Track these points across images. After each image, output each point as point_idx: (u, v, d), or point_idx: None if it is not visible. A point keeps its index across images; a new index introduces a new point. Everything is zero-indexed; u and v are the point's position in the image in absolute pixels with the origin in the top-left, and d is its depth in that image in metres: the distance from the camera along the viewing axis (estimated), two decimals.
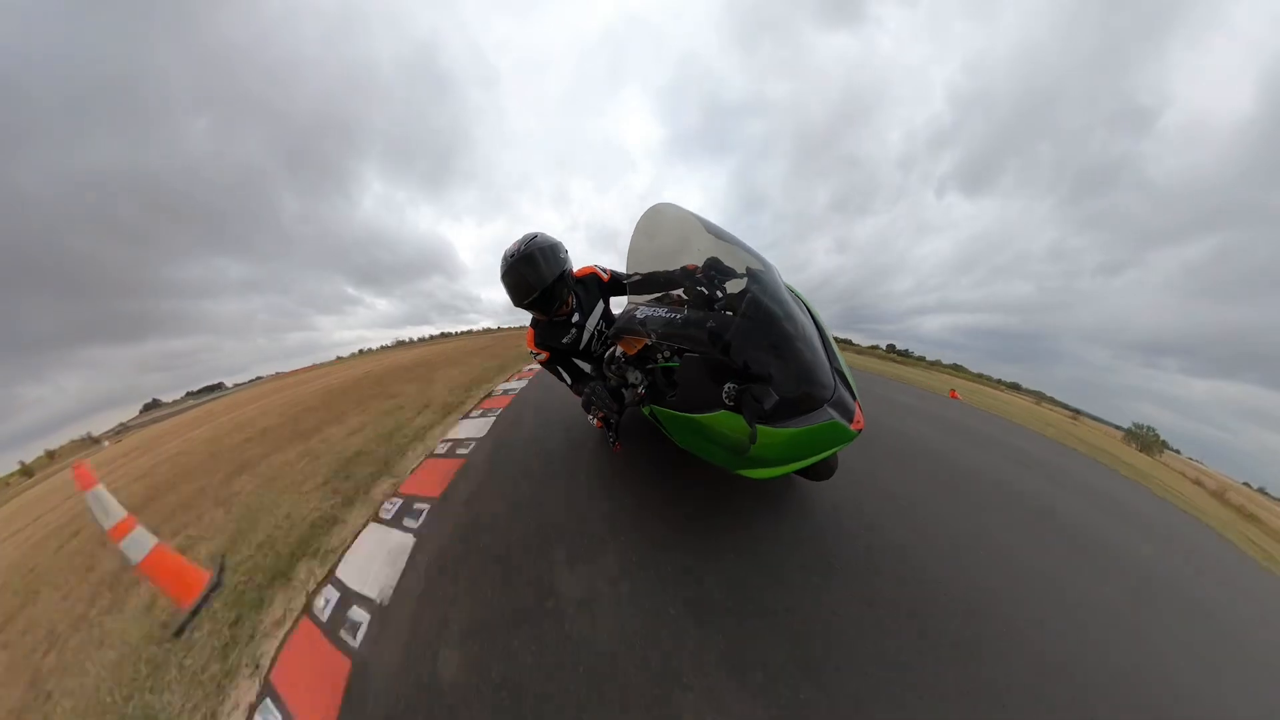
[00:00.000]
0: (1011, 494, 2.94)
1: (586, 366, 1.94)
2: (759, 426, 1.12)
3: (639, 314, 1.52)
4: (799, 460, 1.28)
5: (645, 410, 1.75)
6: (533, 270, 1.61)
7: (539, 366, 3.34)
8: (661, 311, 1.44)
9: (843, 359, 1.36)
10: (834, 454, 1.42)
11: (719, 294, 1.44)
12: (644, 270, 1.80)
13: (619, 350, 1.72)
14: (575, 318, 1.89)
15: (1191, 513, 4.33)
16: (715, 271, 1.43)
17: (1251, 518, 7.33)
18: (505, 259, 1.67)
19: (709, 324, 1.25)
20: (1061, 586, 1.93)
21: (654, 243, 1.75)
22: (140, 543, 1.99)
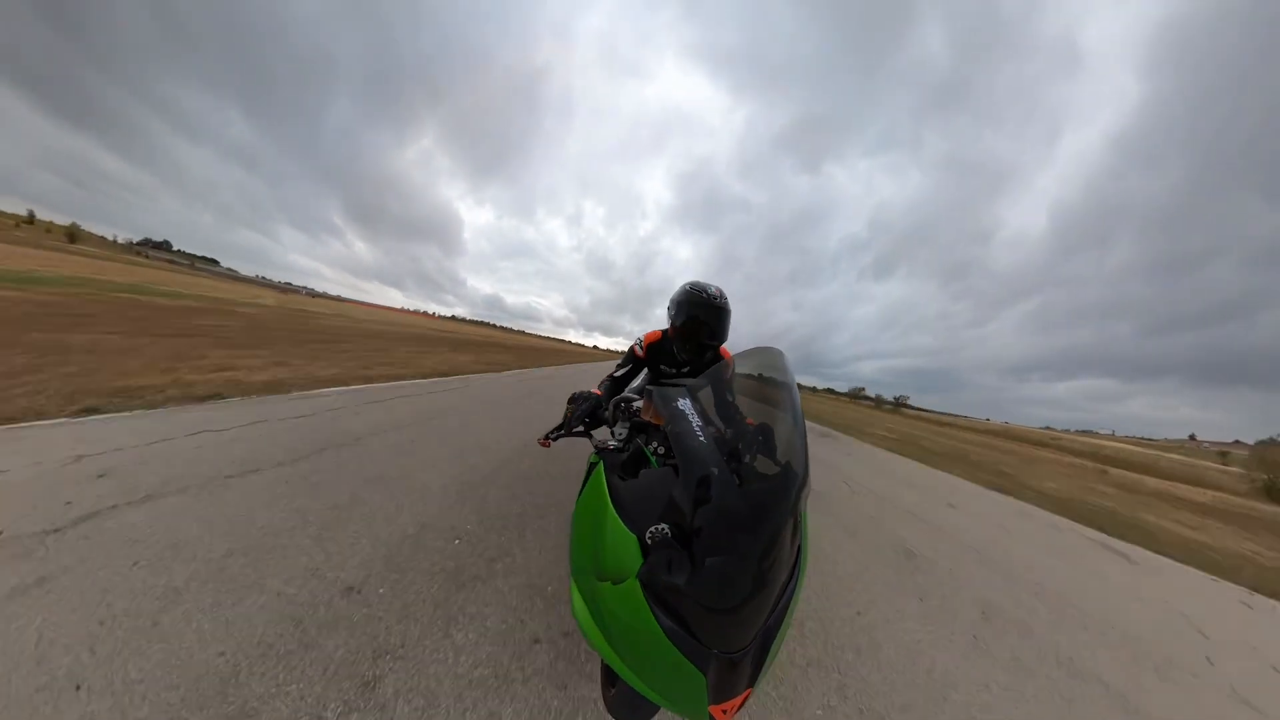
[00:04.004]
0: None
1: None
2: (635, 580, 0.85)
3: (684, 399, 1.23)
4: (620, 660, 0.88)
5: (593, 457, 1.53)
6: (722, 324, 1.79)
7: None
8: (697, 418, 1.13)
9: (784, 637, 0.96)
10: (655, 704, 1.01)
11: (747, 457, 1.18)
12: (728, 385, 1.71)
13: (638, 405, 1.54)
14: (686, 369, 2.06)
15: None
16: (762, 439, 1.21)
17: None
18: (705, 293, 1.77)
19: (713, 470, 0.95)
20: None
21: (749, 376, 1.52)
22: None
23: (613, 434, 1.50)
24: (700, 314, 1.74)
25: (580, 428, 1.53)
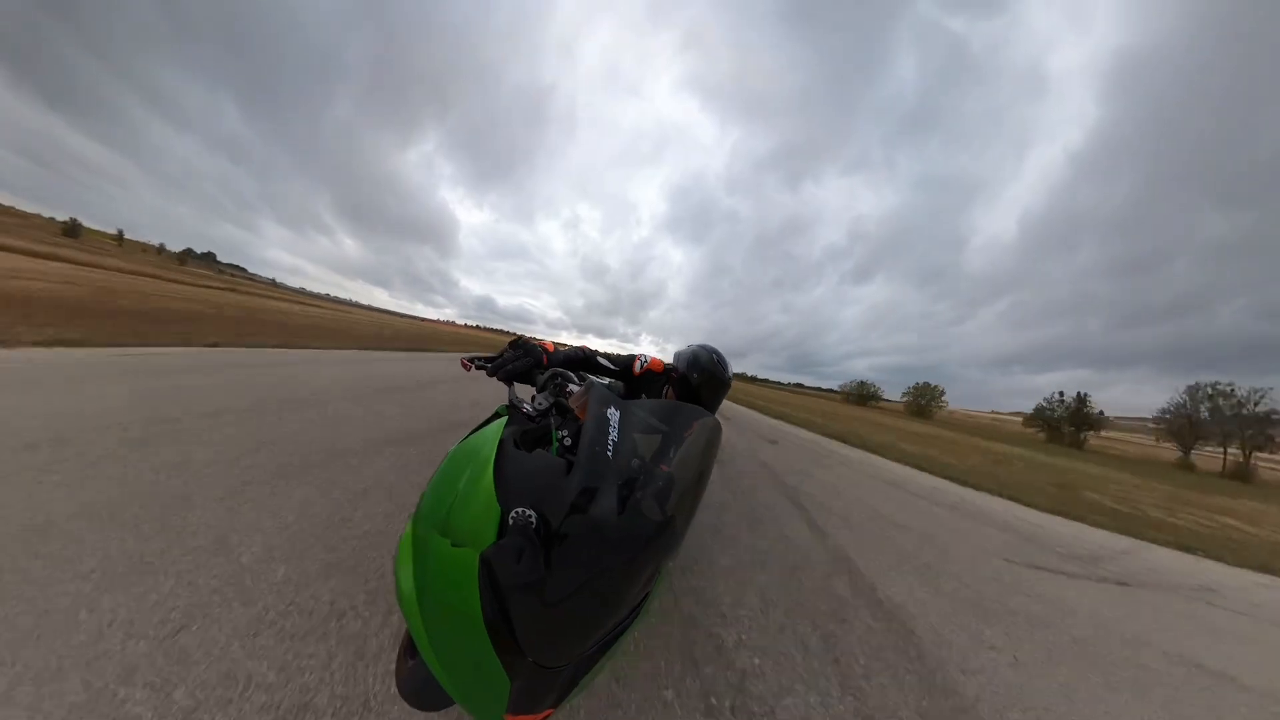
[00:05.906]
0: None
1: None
2: (476, 553, 0.74)
3: (614, 410, 1.11)
4: (427, 635, 0.77)
5: (502, 409, 1.49)
6: (719, 398, 1.98)
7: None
8: (615, 432, 1.05)
9: (598, 673, 0.94)
10: (448, 698, 0.97)
11: (640, 493, 1.01)
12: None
13: (573, 390, 1.58)
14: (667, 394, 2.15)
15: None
16: (662, 485, 1.04)
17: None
18: (723, 370, 1.91)
19: (601, 486, 0.87)
20: None
21: (684, 428, 1.37)
22: None
23: (533, 399, 1.41)
24: (709, 384, 1.89)
25: (499, 370, 1.40)
